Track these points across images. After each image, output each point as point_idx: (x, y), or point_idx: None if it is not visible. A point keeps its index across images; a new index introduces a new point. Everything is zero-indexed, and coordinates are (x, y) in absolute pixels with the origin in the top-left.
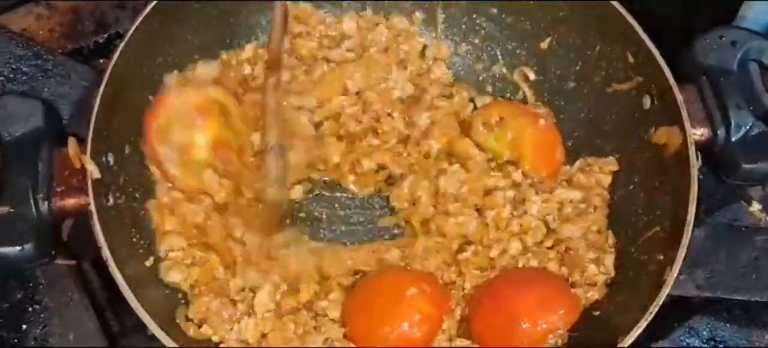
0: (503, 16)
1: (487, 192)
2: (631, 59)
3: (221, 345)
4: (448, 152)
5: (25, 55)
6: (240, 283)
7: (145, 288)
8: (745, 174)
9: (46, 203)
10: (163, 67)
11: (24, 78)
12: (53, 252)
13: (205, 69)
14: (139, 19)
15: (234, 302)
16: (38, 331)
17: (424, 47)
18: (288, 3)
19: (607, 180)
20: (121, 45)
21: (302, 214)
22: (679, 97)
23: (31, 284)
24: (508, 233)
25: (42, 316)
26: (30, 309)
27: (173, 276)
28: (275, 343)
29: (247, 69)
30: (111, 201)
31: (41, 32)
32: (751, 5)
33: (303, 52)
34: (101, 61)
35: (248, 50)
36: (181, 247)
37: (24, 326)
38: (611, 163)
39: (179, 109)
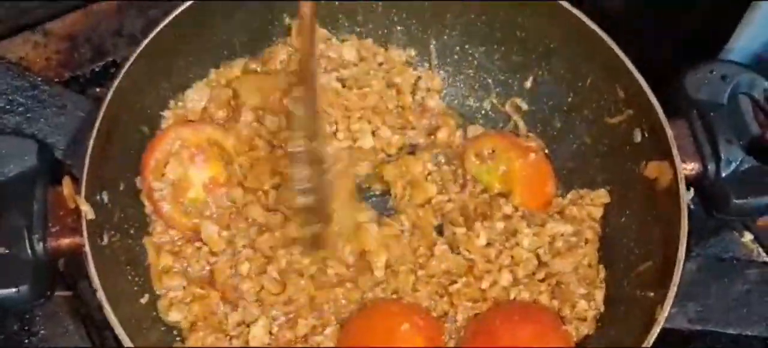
0: (495, 47)
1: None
2: (621, 93)
3: None
4: None
5: (22, 85)
6: (238, 318)
7: (141, 326)
8: (735, 209)
9: (41, 244)
10: (157, 101)
11: (20, 109)
12: (49, 293)
13: (196, 94)
14: (132, 57)
15: (229, 337)
16: None
17: (418, 79)
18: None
19: (598, 212)
20: (115, 82)
21: None
22: (669, 132)
23: (27, 315)
24: (498, 264)
25: (38, 347)
26: (26, 341)
27: (173, 315)
28: None
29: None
30: (105, 240)
31: (38, 60)
32: (739, 37)
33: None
34: (98, 89)
35: (236, 69)
36: (181, 286)
37: None
38: (603, 196)
39: (176, 148)
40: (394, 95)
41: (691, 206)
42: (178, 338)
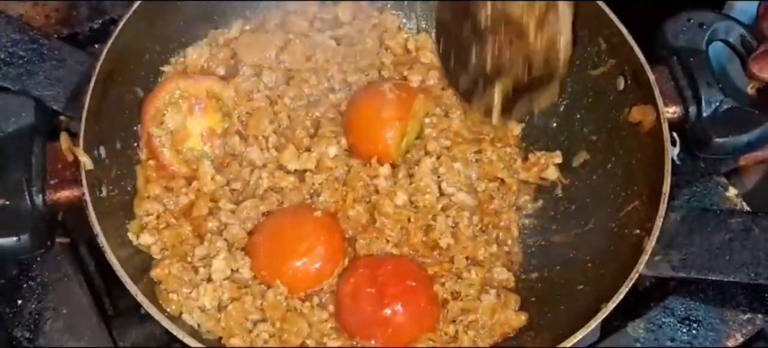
0: None
1: None
2: (603, 44)
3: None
4: None
5: (22, 39)
6: (203, 252)
7: (141, 274)
8: (716, 148)
9: (40, 196)
10: (152, 63)
11: (20, 62)
12: (49, 243)
13: (196, 52)
14: (126, 16)
15: (195, 269)
16: (33, 306)
17: (407, 40)
18: None
19: (553, 174)
20: (109, 42)
21: None
22: (652, 77)
23: (26, 261)
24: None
25: (37, 291)
26: (25, 285)
27: (144, 238)
28: (236, 313)
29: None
30: (104, 193)
31: (37, 17)
32: None
33: (295, 29)
34: (96, 46)
35: (235, 30)
36: (157, 212)
37: (19, 301)
38: (556, 157)
39: (176, 97)
40: (388, 53)
41: (677, 161)
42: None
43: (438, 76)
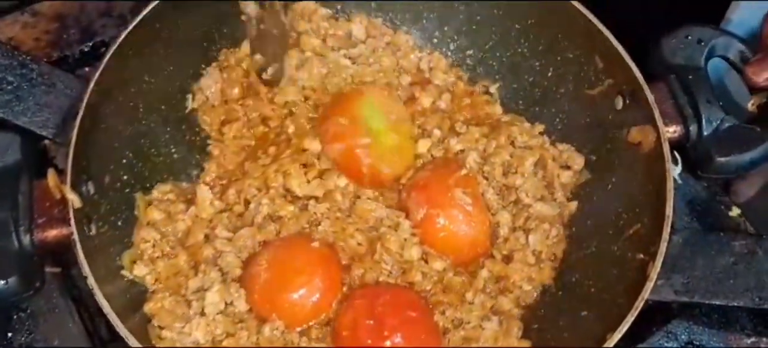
0: (474, 27)
1: None
2: (600, 63)
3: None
4: None
5: (10, 64)
6: (197, 283)
7: (133, 313)
8: (718, 167)
9: (27, 236)
10: (139, 94)
11: (9, 87)
12: (38, 284)
13: (210, 79)
14: (112, 48)
15: (188, 302)
16: (24, 338)
17: (420, 59)
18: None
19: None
20: (95, 75)
21: None
22: (650, 97)
23: None
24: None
25: (27, 323)
26: (15, 316)
27: (138, 269)
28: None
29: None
30: (93, 230)
31: (27, 40)
32: (738, 8)
33: (308, 48)
34: (86, 69)
35: (244, 48)
36: (153, 240)
37: (9, 333)
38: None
39: None
40: (404, 75)
41: (679, 181)
42: None
43: (450, 99)
